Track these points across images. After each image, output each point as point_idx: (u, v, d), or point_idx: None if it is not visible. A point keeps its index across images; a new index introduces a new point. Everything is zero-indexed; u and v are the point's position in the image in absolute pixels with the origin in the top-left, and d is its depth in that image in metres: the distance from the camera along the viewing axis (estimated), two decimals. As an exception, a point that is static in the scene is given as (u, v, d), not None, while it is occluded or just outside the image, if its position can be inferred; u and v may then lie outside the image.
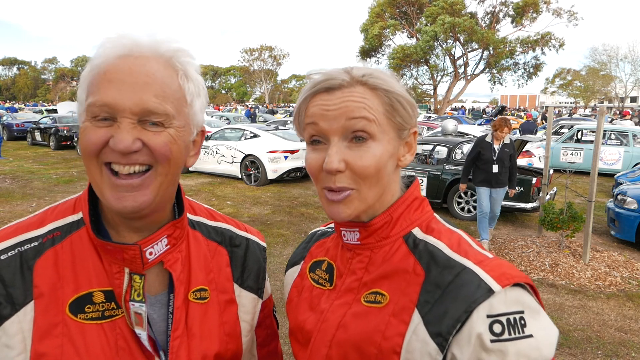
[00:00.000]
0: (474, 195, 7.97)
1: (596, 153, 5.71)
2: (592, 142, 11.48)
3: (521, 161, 9.41)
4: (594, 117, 24.52)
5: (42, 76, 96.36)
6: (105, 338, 0.81)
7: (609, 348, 4.06)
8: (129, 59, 0.77)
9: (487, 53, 32.00)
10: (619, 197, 7.08)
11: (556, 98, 71.97)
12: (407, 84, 0.88)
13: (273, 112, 35.11)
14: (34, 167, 13.89)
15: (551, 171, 7.90)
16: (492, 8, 33.43)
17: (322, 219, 8.18)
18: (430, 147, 9.08)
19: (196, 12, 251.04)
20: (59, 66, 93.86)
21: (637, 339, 4.23)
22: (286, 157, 11.11)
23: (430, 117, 27.18)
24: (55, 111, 26.12)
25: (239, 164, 11.48)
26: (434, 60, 33.31)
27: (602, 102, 57.05)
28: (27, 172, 12.69)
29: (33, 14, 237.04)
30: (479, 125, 19.19)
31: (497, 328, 0.70)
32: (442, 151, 8.87)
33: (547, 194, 7.48)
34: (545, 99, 79.43)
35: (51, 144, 18.87)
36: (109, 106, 0.75)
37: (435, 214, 0.91)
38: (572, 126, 15.19)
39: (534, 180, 7.71)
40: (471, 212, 8.26)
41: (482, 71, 33.37)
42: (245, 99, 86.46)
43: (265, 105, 48.65)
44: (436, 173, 8.60)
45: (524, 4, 31.31)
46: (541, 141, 9.83)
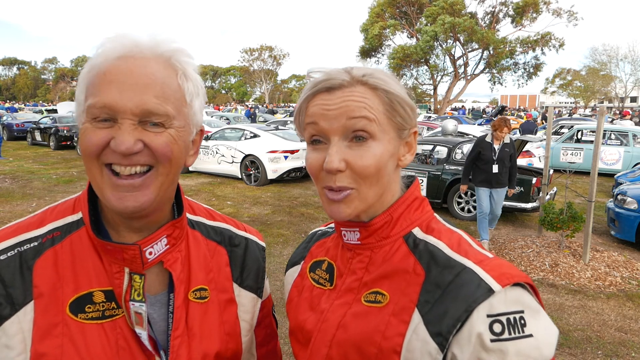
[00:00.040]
0: (474, 196, 7.96)
1: (596, 153, 5.71)
2: (592, 142, 11.48)
3: (521, 161, 9.41)
4: (593, 118, 24.50)
5: (42, 76, 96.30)
6: (106, 338, 0.81)
7: (609, 348, 4.06)
8: (129, 59, 0.77)
9: (487, 53, 32.01)
10: (619, 197, 7.08)
11: (556, 98, 71.94)
12: (407, 84, 0.87)
13: (273, 112, 35.10)
14: (34, 167, 13.89)
15: (551, 171, 7.90)
16: (492, 8, 33.45)
17: (322, 219, 8.18)
18: (430, 147, 9.07)
19: (196, 12, 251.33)
20: (59, 66, 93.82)
21: (637, 339, 4.23)
22: (286, 157, 11.11)
23: (430, 117, 27.17)
24: (55, 111, 26.08)
25: (239, 164, 11.48)
26: (434, 60, 33.32)
27: (602, 102, 57.04)
28: (27, 172, 12.69)
29: (33, 14, 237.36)
30: (479, 125, 19.19)
31: (497, 328, 0.70)
32: (442, 151, 8.86)
33: (547, 194, 7.48)
34: (545, 99, 79.41)
35: (51, 144, 18.88)
36: (110, 107, 0.75)
37: (435, 214, 0.91)
38: (572, 126, 15.19)
39: (534, 180, 7.71)
40: (471, 212, 8.26)
41: (482, 71, 33.37)
42: (245, 99, 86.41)
43: (265, 105, 48.65)
44: (436, 173, 8.60)
45: (524, 4, 31.31)
46: (541, 141, 9.83)
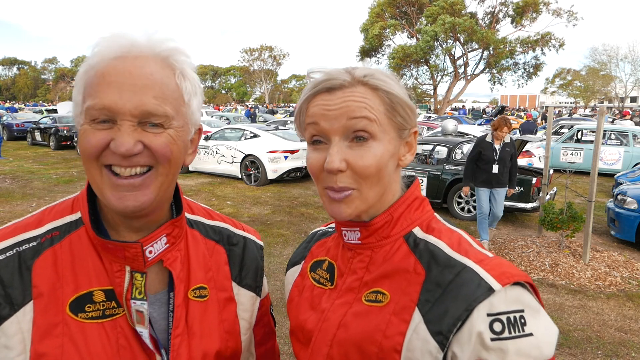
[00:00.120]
0: (474, 196, 7.96)
1: (596, 153, 5.71)
2: (592, 142, 11.48)
3: (521, 161, 9.41)
4: (594, 118, 24.48)
5: (42, 76, 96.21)
6: (106, 337, 0.81)
7: (609, 348, 4.06)
8: (127, 60, 0.77)
9: (487, 53, 32.00)
10: (619, 197, 7.08)
11: (556, 98, 71.89)
12: (407, 84, 0.87)
13: (273, 112, 35.11)
14: (34, 167, 13.89)
15: (551, 171, 7.90)
16: (492, 8, 33.45)
17: (322, 219, 8.18)
18: (430, 147, 9.08)
19: (196, 12, 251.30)
20: (59, 66, 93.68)
21: (637, 339, 4.23)
22: (286, 157, 11.11)
23: (430, 117, 27.17)
24: (55, 111, 26.06)
25: (239, 164, 11.48)
26: (434, 60, 33.31)
27: (602, 102, 56.99)
28: (27, 172, 12.69)
29: (33, 14, 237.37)
30: (479, 125, 19.19)
31: (497, 327, 0.70)
32: (442, 151, 8.86)
33: (547, 194, 7.48)
34: (545, 99, 79.37)
35: (51, 144, 18.87)
36: (109, 109, 0.75)
37: (436, 213, 0.91)
38: (572, 126, 15.19)
39: (534, 180, 7.71)
40: (471, 212, 8.26)
41: (482, 71, 33.36)
42: (245, 99, 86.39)
43: (265, 105, 48.66)
44: (436, 173, 8.60)
45: (524, 4, 31.31)
46: (541, 141, 9.83)
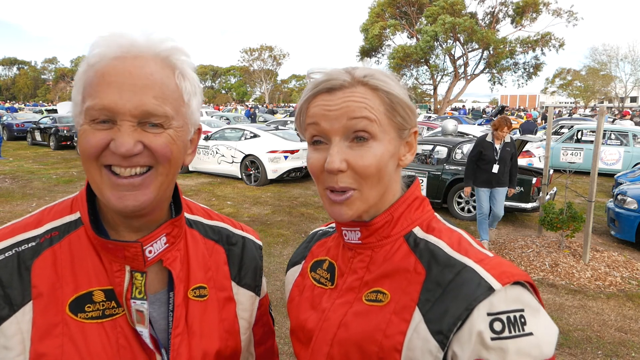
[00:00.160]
0: (473, 196, 7.96)
1: (596, 153, 5.71)
2: (592, 142, 11.49)
3: (521, 161, 9.41)
4: (595, 118, 24.47)
5: (42, 76, 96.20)
6: (106, 337, 0.81)
7: (609, 348, 4.06)
8: (126, 59, 0.77)
9: (487, 53, 32.01)
10: (619, 197, 7.08)
11: (556, 98, 71.85)
12: (407, 84, 0.88)
13: (273, 112, 35.12)
14: (34, 167, 13.89)
15: (551, 171, 7.90)
16: (492, 9, 33.45)
17: (322, 219, 8.18)
18: (430, 147, 9.08)
19: (196, 12, 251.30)
20: (59, 66, 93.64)
21: (637, 339, 4.23)
22: (286, 157, 11.11)
23: (430, 117, 27.17)
24: (55, 111, 26.06)
25: (239, 164, 11.48)
26: (434, 60, 33.31)
27: (602, 102, 56.97)
28: (27, 172, 12.69)
29: (33, 14, 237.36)
30: (479, 125, 19.19)
31: (497, 326, 0.70)
32: (442, 151, 8.87)
33: (547, 194, 7.48)
34: (545, 99, 79.33)
35: (51, 144, 18.87)
36: (109, 109, 0.75)
37: (436, 213, 0.91)
38: (572, 126, 15.19)
39: (534, 180, 7.71)
40: (471, 212, 8.26)
41: (482, 71, 33.36)
42: (245, 99, 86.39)
43: (265, 105, 48.66)
44: (436, 173, 8.61)
45: (524, 4, 31.31)
46: (541, 141, 9.83)
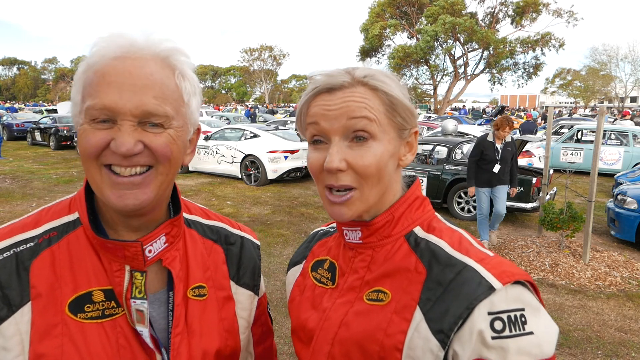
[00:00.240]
0: (473, 195, 7.96)
1: (596, 153, 5.71)
2: (592, 142, 11.49)
3: (521, 161, 9.41)
4: (594, 118, 24.46)
5: (42, 76, 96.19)
6: (106, 337, 0.81)
7: (609, 348, 4.06)
8: (126, 60, 0.77)
9: (487, 53, 32.00)
10: (619, 197, 7.08)
11: (556, 98, 71.83)
12: (407, 84, 0.88)
13: (273, 112, 35.12)
14: (34, 167, 13.89)
15: (551, 171, 7.90)
16: (492, 9, 33.45)
17: (322, 219, 8.18)
18: (430, 147, 9.08)
19: (196, 12, 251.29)
20: (59, 66, 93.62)
21: (637, 339, 4.23)
22: (286, 157, 11.11)
23: (430, 117, 27.17)
24: (55, 111, 26.06)
25: (239, 164, 11.48)
26: (434, 60, 33.31)
27: (602, 102, 56.98)
28: (27, 172, 12.69)
29: (33, 14, 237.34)
30: (479, 125, 19.19)
31: (498, 325, 0.70)
32: (442, 151, 8.87)
33: (547, 194, 7.48)
34: (545, 99, 79.32)
35: (51, 144, 18.88)
36: (109, 109, 0.75)
37: (436, 213, 0.92)
38: (572, 126, 15.19)
39: (534, 180, 7.72)
40: (471, 212, 8.26)
41: (482, 71, 33.35)
42: (245, 99, 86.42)
43: (265, 105, 48.66)
44: (436, 173, 8.61)
45: (524, 4, 31.30)
46: (541, 141, 9.83)
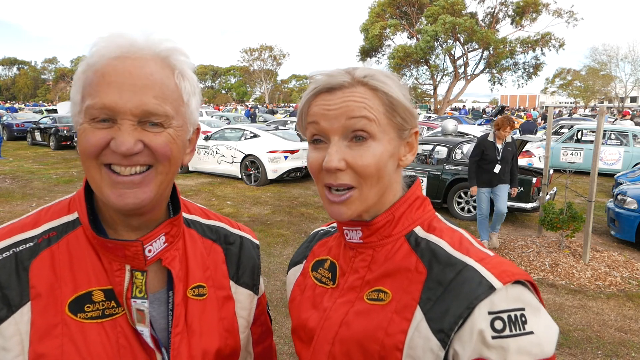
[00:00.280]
0: (473, 195, 7.95)
1: (596, 153, 5.71)
2: (592, 142, 11.48)
3: (521, 161, 9.41)
4: (594, 119, 24.45)
5: (42, 76, 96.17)
6: (106, 337, 0.81)
7: (609, 348, 4.06)
8: (126, 59, 0.77)
9: (487, 53, 32.01)
10: (619, 197, 7.08)
11: (556, 98, 71.84)
12: (407, 84, 0.88)
13: (273, 112, 35.11)
14: (34, 167, 13.89)
15: (551, 171, 7.90)
16: (491, 9, 33.45)
17: (322, 219, 8.18)
18: (430, 147, 9.08)
19: (196, 12, 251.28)
20: (59, 66, 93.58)
21: (637, 339, 4.23)
22: (286, 157, 11.11)
23: (430, 117, 27.17)
24: (55, 111, 26.04)
25: (239, 164, 11.48)
26: (434, 60, 33.31)
27: (602, 102, 56.97)
28: (27, 172, 12.69)
29: (33, 14, 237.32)
30: (478, 125, 19.19)
31: (498, 324, 0.71)
32: (442, 151, 8.87)
33: (547, 194, 7.48)
34: (545, 99, 79.32)
35: (51, 144, 18.88)
36: (109, 108, 0.75)
37: (437, 213, 0.92)
38: (572, 126, 15.20)
39: (534, 180, 7.72)
40: (471, 212, 8.26)
41: (482, 71, 33.36)
42: (245, 99, 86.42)
43: (265, 105, 48.66)
44: (436, 173, 8.61)
45: (524, 4, 31.29)
46: (541, 141, 9.83)
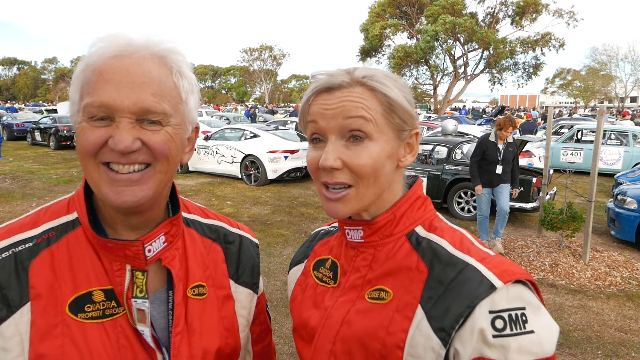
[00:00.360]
0: (474, 196, 7.96)
1: (596, 153, 5.71)
2: (592, 142, 11.49)
3: (521, 161, 9.41)
4: (594, 119, 24.44)
5: (42, 76, 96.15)
6: (107, 337, 0.81)
7: (609, 348, 4.07)
8: (124, 58, 0.77)
9: (487, 53, 32.01)
10: (619, 197, 7.08)
11: (556, 98, 71.87)
12: (407, 84, 0.89)
13: (273, 112, 35.12)
14: (34, 167, 13.89)
15: (551, 171, 7.91)
16: (491, 9, 33.45)
17: (322, 219, 8.18)
18: (430, 147, 9.08)
19: (196, 12, 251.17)
20: (59, 66, 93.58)
21: (637, 339, 4.23)
22: (286, 157, 11.11)
23: (430, 117, 27.18)
24: (55, 111, 26.04)
25: (239, 164, 11.48)
26: (434, 60, 33.31)
27: (602, 102, 56.98)
28: (27, 172, 12.69)
29: (33, 14, 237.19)
30: (479, 125, 19.19)
31: (499, 323, 0.71)
32: (442, 151, 8.87)
33: (547, 194, 7.48)
34: (545, 99, 79.34)
35: (51, 144, 18.88)
36: (107, 106, 0.75)
37: (438, 212, 0.92)
38: (572, 126, 15.20)
39: (534, 180, 7.72)
40: (471, 212, 8.26)
41: (482, 71, 33.36)
42: (245, 99, 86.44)
43: (265, 105, 48.66)
44: (436, 173, 8.61)
45: (525, 4, 31.29)
46: (541, 141, 9.83)
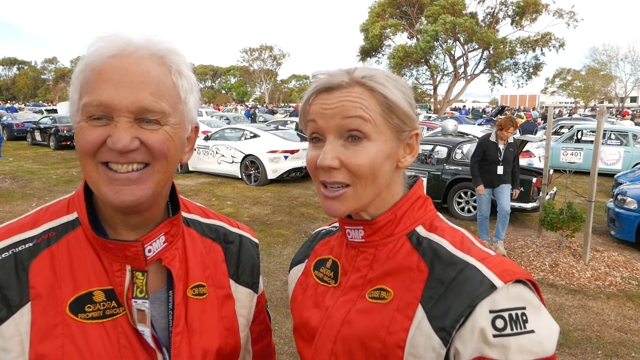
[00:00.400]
0: (474, 195, 7.96)
1: (596, 153, 5.71)
2: (592, 142, 11.49)
3: (521, 161, 9.41)
4: (594, 119, 24.44)
5: (42, 76, 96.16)
6: (107, 337, 0.81)
7: (609, 348, 4.07)
8: (123, 58, 0.77)
9: (487, 53, 32.01)
10: (619, 197, 7.08)
11: (556, 98, 71.90)
12: (408, 84, 0.89)
13: (273, 112, 35.12)
14: (34, 167, 13.89)
15: (551, 171, 7.91)
16: (491, 9, 33.45)
17: (322, 219, 8.18)
18: (430, 147, 9.08)
19: (196, 12, 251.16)
20: (59, 66, 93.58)
21: (637, 339, 4.23)
22: (286, 157, 11.12)
23: (430, 117, 27.19)
24: (55, 111, 26.04)
25: (239, 164, 11.48)
26: (434, 60, 33.31)
27: (602, 102, 56.98)
28: (27, 172, 12.69)
29: (33, 14, 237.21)
30: (479, 125, 19.18)
31: (499, 323, 0.71)
32: (442, 151, 8.87)
33: (547, 194, 7.48)
34: (545, 99, 79.38)
35: (51, 144, 18.88)
36: (106, 105, 0.75)
37: (438, 212, 0.92)
38: (572, 126, 15.20)
39: (534, 180, 7.72)
40: (471, 212, 8.26)
41: (482, 71, 33.35)
42: (245, 99, 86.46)
43: (265, 105, 48.67)
44: (436, 173, 8.61)
45: (525, 4, 31.29)
46: (541, 141, 9.83)
